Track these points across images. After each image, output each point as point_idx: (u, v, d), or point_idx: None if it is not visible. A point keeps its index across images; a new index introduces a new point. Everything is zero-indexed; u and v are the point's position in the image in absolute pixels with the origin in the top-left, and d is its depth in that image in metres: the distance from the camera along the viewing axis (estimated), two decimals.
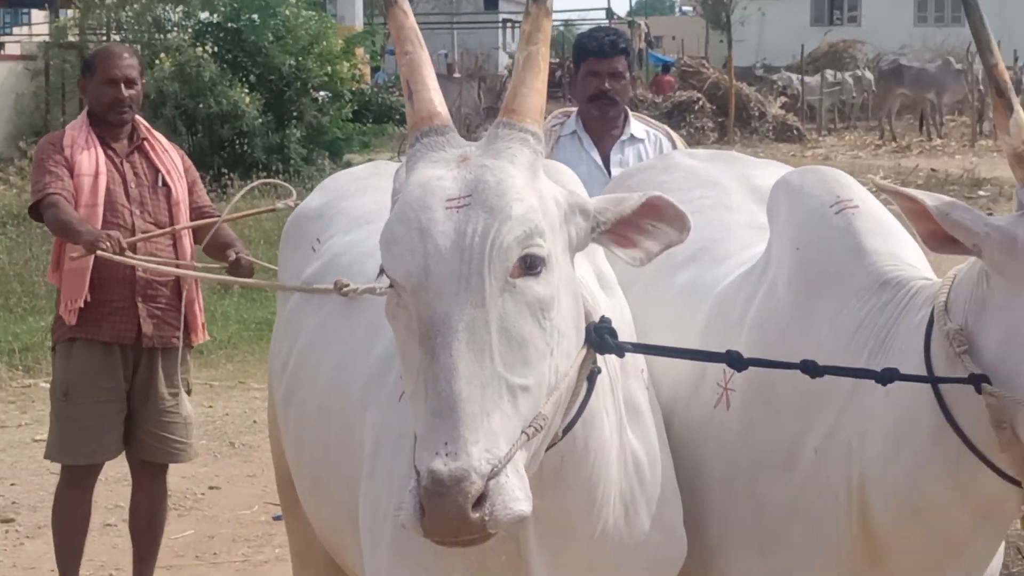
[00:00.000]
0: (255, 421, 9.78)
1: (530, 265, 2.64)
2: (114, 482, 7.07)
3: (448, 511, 2.43)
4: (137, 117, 6.76)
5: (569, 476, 2.97)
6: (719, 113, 33.86)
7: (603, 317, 2.96)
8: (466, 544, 2.52)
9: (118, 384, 6.58)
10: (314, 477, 4.04)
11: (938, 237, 3.00)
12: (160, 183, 6.62)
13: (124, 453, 6.81)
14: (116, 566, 7.30)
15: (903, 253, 3.41)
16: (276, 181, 6.75)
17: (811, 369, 3.13)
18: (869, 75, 38.54)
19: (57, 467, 7.18)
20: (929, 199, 2.98)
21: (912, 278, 3.29)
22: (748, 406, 3.42)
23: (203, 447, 9.80)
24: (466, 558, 3.00)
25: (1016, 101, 3.00)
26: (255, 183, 6.66)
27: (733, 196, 4.26)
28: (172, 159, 6.74)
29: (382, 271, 2.73)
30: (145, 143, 6.71)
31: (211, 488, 9.07)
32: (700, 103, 33.98)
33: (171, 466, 7.28)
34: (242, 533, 8.10)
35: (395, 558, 3.19)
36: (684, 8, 52.69)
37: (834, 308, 3.35)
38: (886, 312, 3.26)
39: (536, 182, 2.75)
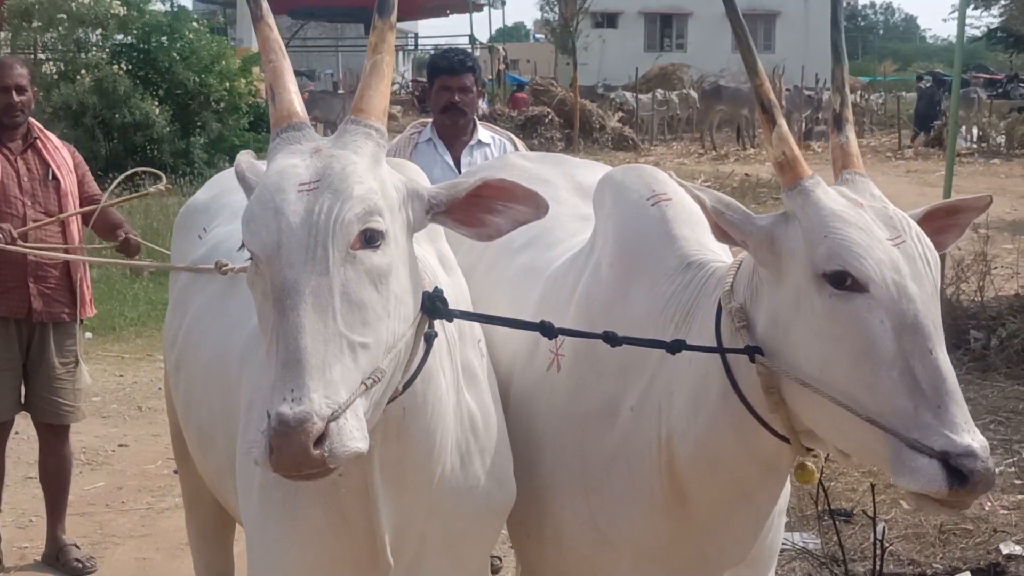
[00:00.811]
0: (160, 388, 9.40)
1: (369, 239, 2.76)
2: (34, 439, 7.29)
3: (292, 448, 2.52)
4: (31, 120, 7.03)
5: (410, 427, 3.07)
6: (566, 126, 34.86)
7: (436, 288, 3.06)
8: (310, 478, 2.60)
9: (13, 354, 6.91)
10: (200, 432, 4.06)
11: (719, 230, 3.11)
12: (50, 177, 6.93)
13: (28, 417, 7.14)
14: (36, 513, 7.39)
15: (708, 240, 3.49)
16: (149, 169, 6.90)
17: (611, 339, 3.27)
18: (693, 94, 39.70)
19: None
20: (708, 199, 3.08)
21: (712, 261, 3.42)
22: (576, 369, 3.54)
23: (114, 411, 10.10)
24: (323, 500, 3.14)
25: (780, 116, 3.16)
26: (128, 172, 6.88)
27: (560, 191, 4.37)
28: (63, 156, 7.05)
29: (243, 245, 2.81)
30: (37, 142, 7.02)
31: (120, 446, 9.24)
32: (550, 117, 35.16)
33: (85, 426, 7.61)
34: (147, 484, 8.28)
35: (264, 500, 3.28)
36: (537, 36, 53.57)
37: (647, 286, 3.49)
38: (689, 290, 3.40)
39: (378, 169, 2.88)
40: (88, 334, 7.24)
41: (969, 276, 12.48)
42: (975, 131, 35.08)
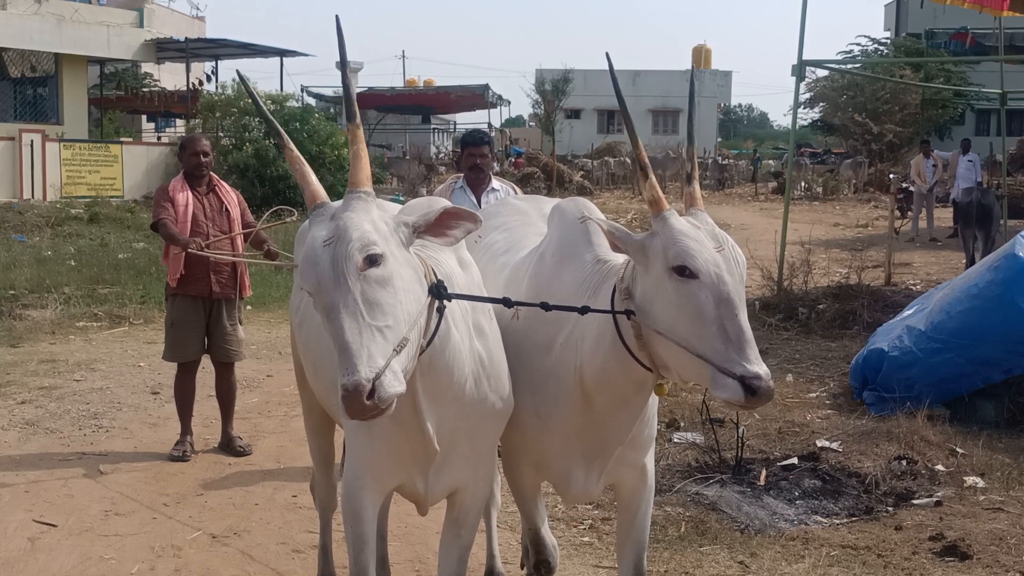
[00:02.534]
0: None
1: (371, 261, 2.80)
2: (212, 371, 7.32)
3: (354, 405, 2.63)
4: (212, 173, 7.14)
5: (436, 365, 3.12)
6: (548, 180, 35.01)
7: (439, 280, 3.11)
8: (373, 418, 2.70)
9: (200, 318, 7.02)
10: (315, 366, 4.05)
11: (612, 244, 3.25)
12: (224, 210, 7.04)
13: (209, 358, 7.19)
14: (214, 417, 7.40)
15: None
16: (286, 207, 7.01)
17: (546, 306, 3.43)
18: (627, 160, 39.49)
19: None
20: (606, 225, 3.25)
21: (613, 260, 3.48)
22: (529, 319, 3.59)
23: (264, 354, 10.04)
24: (392, 415, 3.00)
25: (651, 172, 3.28)
26: (273, 209, 6.93)
27: (531, 217, 4.41)
28: (232, 197, 7.14)
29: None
30: (216, 187, 7.12)
31: (267, 376, 9.23)
32: (537, 174, 35.54)
33: (245, 364, 7.69)
34: (284, 400, 8.29)
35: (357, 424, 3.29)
36: (530, 124, 54.62)
37: (573, 271, 3.57)
38: (598, 275, 3.47)
39: (369, 216, 2.90)
40: (248, 306, 7.24)
41: (798, 273, 12.53)
42: (803, 184, 35.08)
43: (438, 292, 3.08)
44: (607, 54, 3.62)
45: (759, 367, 2.93)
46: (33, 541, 5.41)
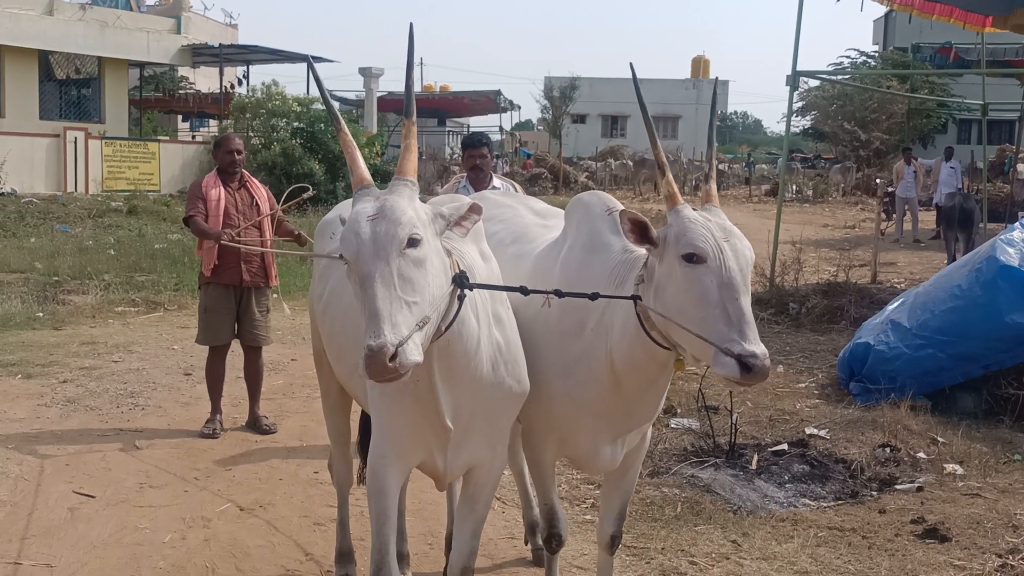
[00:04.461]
0: None
1: (411, 242, 2.84)
2: (241, 355, 7.36)
3: (377, 365, 2.65)
4: (243, 170, 7.15)
5: (452, 350, 3.13)
6: (554, 180, 34.92)
7: (461, 270, 3.13)
8: (391, 380, 2.72)
9: (231, 305, 7.02)
10: (339, 350, 4.05)
11: (640, 239, 3.21)
12: (254, 204, 7.03)
13: (238, 342, 7.18)
14: (242, 398, 7.40)
15: None
16: (300, 185, 7.01)
17: (559, 294, 3.46)
18: (629, 163, 39.34)
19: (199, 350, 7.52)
20: (630, 216, 3.21)
21: (638, 249, 3.41)
22: (561, 306, 3.56)
23: (288, 339, 10.05)
24: (409, 392, 3.18)
25: (667, 170, 3.30)
26: (290, 189, 6.81)
27: (520, 210, 4.45)
28: (261, 192, 7.14)
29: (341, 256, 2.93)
30: (247, 183, 7.11)
31: (292, 360, 9.24)
32: (545, 175, 35.54)
33: (272, 348, 7.64)
34: (307, 383, 8.23)
35: (379, 391, 3.32)
36: (539, 127, 54.61)
37: (601, 260, 3.55)
38: (625, 264, 3.47)
39: (413, 203, 2.96)
40: (275, 294, 7.19)
41: (789, 271, 12.50)
42: (794, 187, 34.96)
43: (460, 281, 3.09)
44: (631, 64, 3.62)
45: (756, 347, 2.92)
46: (73, 511, 5.41)
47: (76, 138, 22.97)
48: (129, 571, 4.67)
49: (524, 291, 3.46)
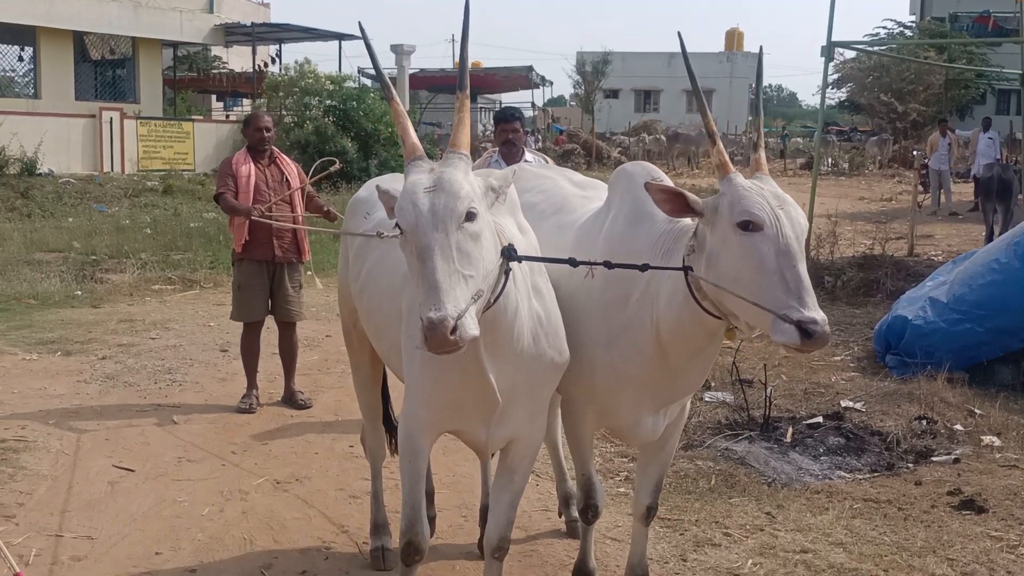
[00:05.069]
0: None
1: (469, 216, 2.84)
2: (276, 331, 7.36)
3: (437, 337, 2.64)
4: (274, 147, 7.17)
5: (498, 323, 3.13)
6: (587, 155, 34.68)
7: (510, 243, 3.14)
8: (448, 353, 2.72)
9: (264, 281, 7.04)
10: (377, 327, 4.05)
11: (677, 210, 3.23)
12: (284, 180, 7.03)
13: (272, 317, 7.22)
14: (277, 374, 7.45)
15: None
16: (327, 159, 7.00)
17: (609, 265, 3.43)
18: (662, 138, 38.93)
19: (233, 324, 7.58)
20: (680, 191, 3.23)
21: (685, 219, 3.44)
22: (605, 277, 3.55)
23: (323, 316, 10.10)
24: (454, 366, 3.18)
25: (718, 139, 3.29)
26: (318, 162, 6.91)
27: (560, 182, 4.42)
28: (291, 168, 7.14)
29: (397, 224, 2.91)
30: (277, 159, 7.13)
31: (326, 336, 9.26)
32: (577, 150, 35.24)
33: (306, 325, 7.64)
34: (341, 359, 7.90)
35: (422, 365, 3.35)
36: (571, 103, 54.20)
37: (646, 230, 3.52)
38: (671, 235, 3.44)
39: (468, 177, 2.94)
40: (309, 271, 7.22)
41: (824, 244, 12.41)
42: (829, 160, 34.64)
43: (509, 254, 3.10)
44: (679, 34, 3.58)
45: (816, 312, 2.89)
46: (113, 484, 5.48)
47: (111, 118, 23.14)
48: (169, 543, 4.74)
49: (573, 263, 3.46)
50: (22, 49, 24.87)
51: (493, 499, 3.81)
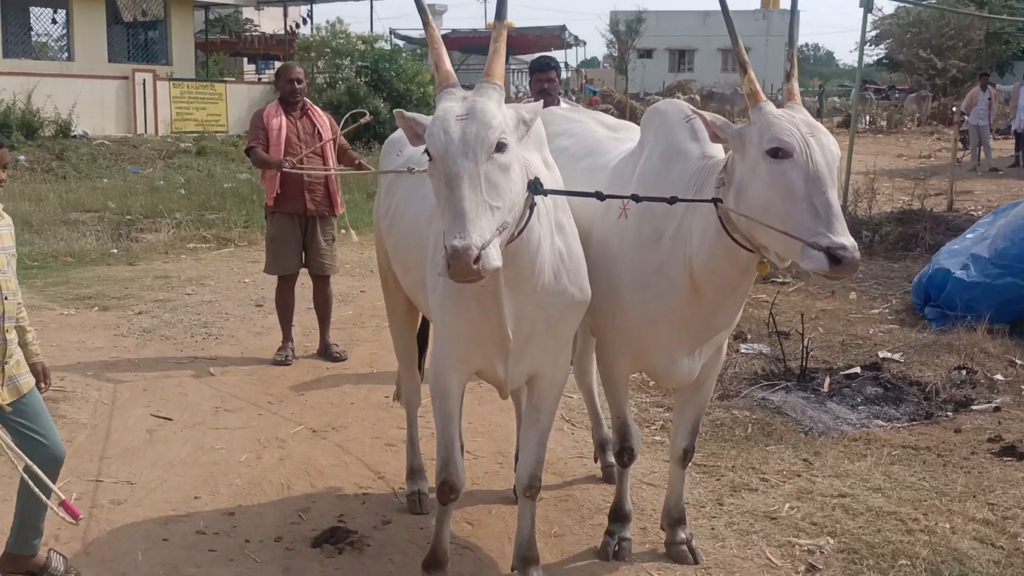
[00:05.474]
0: None
1: (499, 147, 2.83)
2: (310, 286, 7.39)
3: (461, 265, 2.65)
4: (306, 99, 7.12)
5: (519, 257, 3.13)
6: (621, 116, 34.35)
7: (536, 177, 3.13)
8: (470, 282, 2.72)
9: (297, 234, 7.04)
10: (404, 263, 4.08)
11: (713, 135, 3.28)
12: (316, 133, 7.00)
13: (307, 271, 7.20)
14: (312, 327, 7.50)
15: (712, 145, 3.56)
16: (358, 111, 6.96)
17: (636, 198, 3.43)
18: (697, 98, 38.50)
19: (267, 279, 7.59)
20: (709, 117, 3.25)
21: (717, 155, 3.49)
22: (638, 216, 3.56)
23: (357, 272, 10.13)
24: (474, 299, 3.22)
25: (749, 67, 3.24)
26: (349, 114, 6.69)
27: (590, 124, 4.44)
28: (323, 121, 7.09)
29: (426, 150, 2.91)
30: (309, 112, 7.09)
31: (360, 292, 9.30)
32: (611, 111, 34.70)
33: (340, 280, 7.67)
34: (375, 314, 8.23)
35: (444, 297, 3.36)
36: (605, 64, 53.84)
37: (680, 166, 3.53)
38: (704, 170, 3.44)
39: (501, 108, 2.93)
40: (343, 229, 7.19)
41: (862, 199, 12.27)
42: (867, 118, 34.17)
43: (535, 188, 3.09)
44: None
45: (845, 238, 2.87)
46: (151, 432, 5.54)
47: (144, 80, 23.21)
48: (208, 488, 4.79)
49: (600, 196, 3.45)
50: (55, 12, 24.94)
51: (522, 439, 3.85)
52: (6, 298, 3.54)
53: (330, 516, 4.48)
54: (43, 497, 3.42)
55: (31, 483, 3.40)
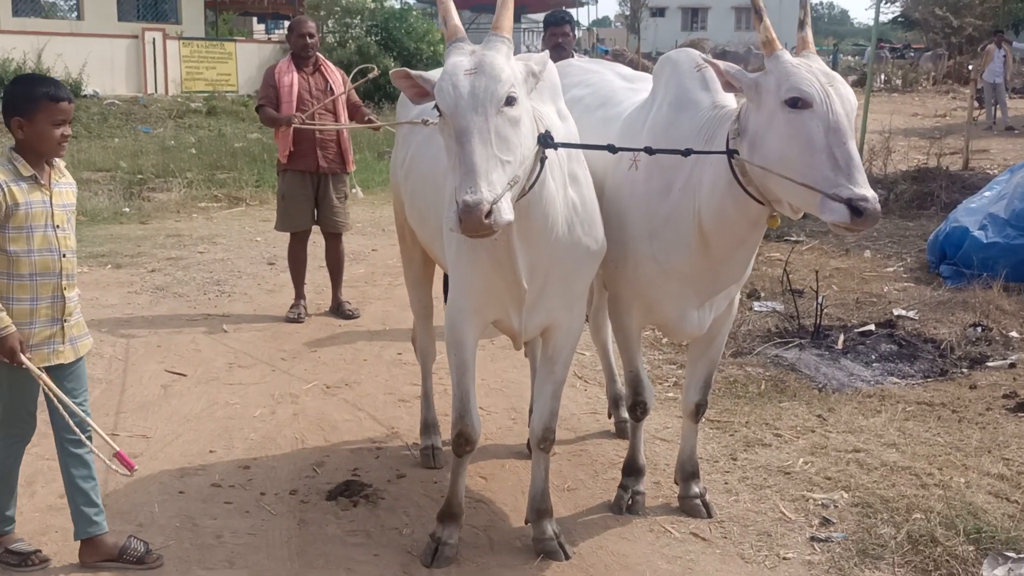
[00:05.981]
0: None
1: (508, 101, 2.84)
2: (322, 244, 7.37)
3: (472, 220, 2.65)
4: (318, 54, 7.09)
5: (532, 210, 3.13)
6: None
7: (547, 130, 3.12)
8: (481, 236, 2.75)
9: (309, 192, 7.00)
10: (420, 213, 4.07)
11: (727, 84, 3.23)
12: (328, 88, 6.96)
13: (318, 229, 7.19)
14: (325, 285, 7.48)
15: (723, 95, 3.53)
16: (366, 66, 6.92)
17: (650, 151, 3.42)
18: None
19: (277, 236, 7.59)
20: (723, 65, 3.21)
21: (729, 104, 3.46)
22: (648, 167, 3.55)
23: (369, 231, 10.08)
24: (487, 251, 3.23)
25: (765, 15, 3.16)
26: (357, 69, 6.77)
27: (606, 75, 4.43)
28: (336, 76, 7.07)
29: (436, 106, 2.91)
30: (321, 67, 7.06)
31: (372, 250, 9.29)
32: None
33: (353, 239, 7.63)
34: (388, 272, 8.34)
35: (458, 250, 3.38)
36: (616, 24, 53.55)
37: (691, 117, 3.51)
38: (715, 120, 3.42)
39: (509, 61, 2.93)
40: (355, 190, 7.16)
41: (878, 158, 12.19)
42: (882, 76, 33.87)
43: (545, 141, 3.08)
44: None
45: (866, 189, 2.83)
46: (165, 388, 5.56)
47: (154, 39, 23.09)
48: (222, 442, 4.81)
49: (612, 149, 3.43)
50: None
51: (536, 391, 3.84)
52: (65, 255, 3.50)
53: (344, 470, 4.51)
54: (96, 451, 3.40)
55: (83, 438, 3.42)
